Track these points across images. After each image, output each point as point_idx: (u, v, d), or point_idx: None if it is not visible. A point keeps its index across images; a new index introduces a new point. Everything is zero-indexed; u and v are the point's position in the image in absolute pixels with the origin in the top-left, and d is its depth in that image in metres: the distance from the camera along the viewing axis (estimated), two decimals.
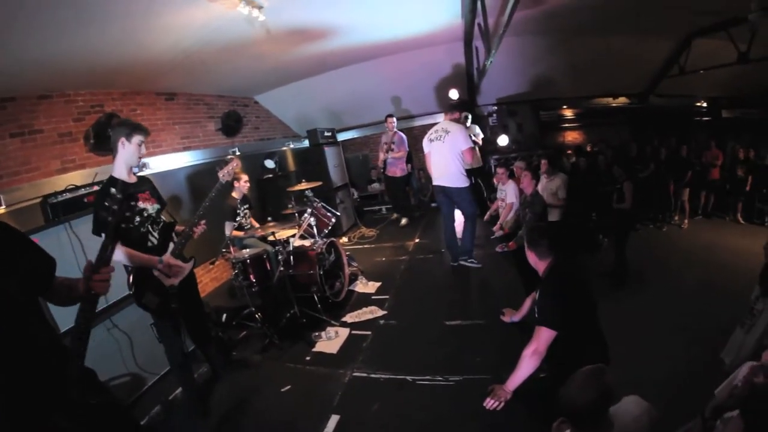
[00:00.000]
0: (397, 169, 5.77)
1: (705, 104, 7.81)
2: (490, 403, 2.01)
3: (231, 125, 5.22)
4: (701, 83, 6.66)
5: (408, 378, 2.51)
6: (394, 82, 6.10)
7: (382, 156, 5.73)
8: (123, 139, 2.25)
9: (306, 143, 6.27)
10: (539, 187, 4.46)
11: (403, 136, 5.75)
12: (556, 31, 5.07)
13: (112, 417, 1.43)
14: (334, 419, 2.34)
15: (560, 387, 1.44)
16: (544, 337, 1.87)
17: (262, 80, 5.27)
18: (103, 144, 3.73)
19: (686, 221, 6.32)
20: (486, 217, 5.23)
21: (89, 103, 3.80)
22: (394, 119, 5.64)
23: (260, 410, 2.63)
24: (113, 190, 1.46)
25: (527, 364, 1.89)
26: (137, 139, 2.27)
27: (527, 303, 2.58)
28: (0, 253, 1.22)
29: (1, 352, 1.17)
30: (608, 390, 1.37)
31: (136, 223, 2.26)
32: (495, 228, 4.85)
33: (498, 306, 2.90)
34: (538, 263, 2.12)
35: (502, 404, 1.99)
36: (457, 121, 3.93)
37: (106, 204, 1.46)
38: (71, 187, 3.20)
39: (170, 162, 4.41)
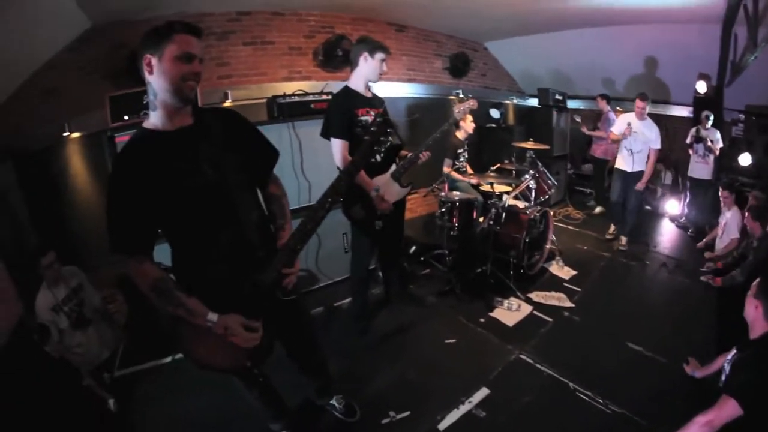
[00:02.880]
0: (598, 149, 5.29)
1: None
2: None
3: (458, 66, 5.17)
4: None
5: (570, 385, 2.31)
6: (634, 57, 5.28)
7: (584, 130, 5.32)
8: (366, 53, 2.25)
9: (531, 102, 6.00)
10: None
11: (613, 117, 5.07)
12: None
13: (289, 311, 1.49)
14: (483, 392, 2.25)
15: None
16: (727, 411, 1.50)
17: (494, 27, 5.00)
18: (330, 61, 3.96)
19: None
20: (701, 244, 4.40)
21: (320, 24, 4.02)
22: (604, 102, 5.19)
23: (416, 350, 2.62)
24: (372, 114, 1.38)
25: None
26: (380, 55, 2.25)
27: (719, 361, 2.07)
28: (228, 132, 1.31)
29: (211, 218, 1.24)
30: None
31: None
32: (710, 255, 4.01)
33: (685, 349, 2.50)
34: (758, 321, 1.63)
35: None
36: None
37: (352, 125, 1.41)
38: (300, 92, 3.45)
39: (393, 90, 4.52)
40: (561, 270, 3.62)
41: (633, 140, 3.94)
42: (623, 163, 4.07)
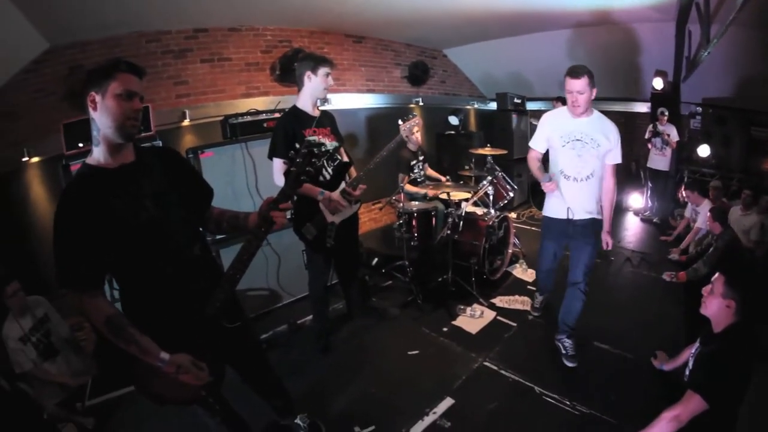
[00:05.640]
0: None
1: None
2: None
3: (417, 75, 5.19)
4: None
5: (536, 388, 2.31)
6: (591, 56, 5.38)
7: None
8: (309, 72, 2.23)
9: (491, 106, 6.05)
10: (730, 218, 3.64)
11: None
12: None
13: (236, 338, 1.50)
14: (447, 402, 2.24)
15: None
16: (692, 406, 1.52)
17: (453, 34, 5.06)
18: (288, 76, 3.93)
19: None
20: (671, 237, 4.50)
21: (277, 38, 4.01)
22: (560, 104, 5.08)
23: (379, 363, 2.61)
24: (298, 145, 1.44)
25: (661, 428, 1.56)
26: (323, 70, 2.23)
27: (684, 354, 2.09)
28: (168, 169, 1.37)
29: (155, 254, 1.28)
30: None
31: None
32: (674, 251, 4.08)
33: (652, 343, 2.51)
34: (724, 317, 1.63)
35: None
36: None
37: (293, 150, 1.42)
38: (253, 111, 3.42)
39: (352, 101, 4.53)
40: (525, 273, 3.63)
41: (573, 157, 2.32)
42: (558, 207, 2.43)
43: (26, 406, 2.14)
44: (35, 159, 2.92)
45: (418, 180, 3.47)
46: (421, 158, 3.48)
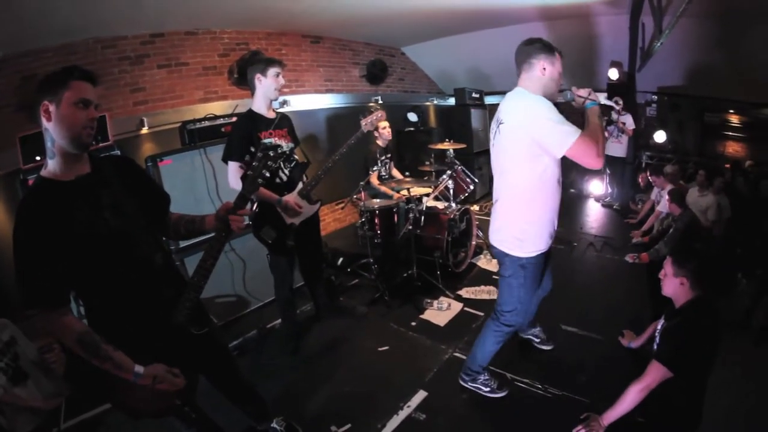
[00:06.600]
0: None
1: None
2: None
3: (376, 73, 5.19)
4: None
5: (507, 375, 2.33)
6: None
7: None
8: (258, 74, 2.24)
9: (450, 102, 6.07)
10: (688, 200, 3.77)
11: None
12: (738, 14, 4.00)
13: (205, 344, 1.50)
14: (421, 395, 2.25)
15: None
16: (657, 375, 1.58)
17: (410, 32, 5.08)
18: (246, 79, 3.86)
19: None
20: (635, 220, 4.61)
21: (234, 41, 3.95)
22: None
23: (350, 361, 2.61)
24: (253, 149, 1.40)
25: (631, 399, 1.63)
26: (273, 71, 2.24)
27: (649, 330, 2.20)
28: (125, 178, 1.35)
29: (118, 265, 1.26)
30: None
31: None
32: (635, 234, 4.20)
33: (619, 324, 2.57)
34: (682, 293, 1.70)
35: None
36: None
37: (248, 154, 1.42)
38: (210, 116, 3.36)
39: (311, 102, 4.48)
40: (489, 263, 3.67)
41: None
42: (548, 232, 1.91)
43: None
44: None
45: (384, 177, 3.47)
46: (388, 156, 3.48)
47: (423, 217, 3.28)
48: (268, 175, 1.37)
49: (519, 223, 1.84)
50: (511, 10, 4.36)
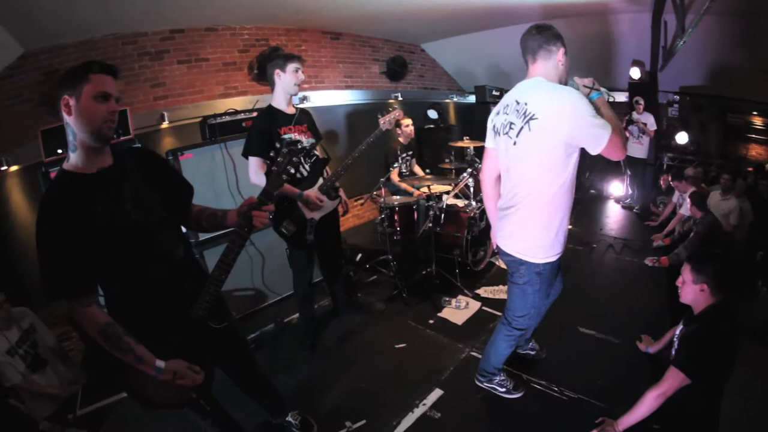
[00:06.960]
0: None
1: None
2: None
3: (396, 70, 5.18)
4: None
5: (524, 376, 2.31)
6: (568, 47, 5.43)
7: None
8: (278, 70, 2.24)
9: (471, 99, 6.03)
10: (709, 203, 3.71)
11: None
12: (764, 12, 3.88)
13: (224, 338, 1.50)
14: (437, 393, 2.24)
15: None
16: (675, 381, 1.57)
17: (429, 29, 5.06)
18: (266, 74, 3.88)
19: None
20: (656, 222, 4.53)
21: (254, 37, 3.98)
22: None
23: (367, 358, 2.61)
24: (278, 145, 1.40)
25: (648, 406, 1.61)
26: (292, 66, 2.23)
27: (668, 336, 2.16)
28: (147, 170, 1.36)
29: (139, 257, 1.27)
30: None
31: None
32: (656, 237, 4.13)
33: (637, 328, 2.55)
34: (702, 299, 1.68)
35: None
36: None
37: (273, 150, 1.41)
38: (231, 110, 3.38)
39: (331, 98, 4.50)
40: None
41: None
42: (550, 249, 1.79)
43: (20, 422, 2.10)
44: (14, 168, 2.84)
45: (405, 174, 3.47)
46: (410, 153, 3.48)
47: (443, 215, 3.27)
48: (292, 171, 1.37)
49: (540, 230, 1.72)
50: (530, 8, 4.32)
